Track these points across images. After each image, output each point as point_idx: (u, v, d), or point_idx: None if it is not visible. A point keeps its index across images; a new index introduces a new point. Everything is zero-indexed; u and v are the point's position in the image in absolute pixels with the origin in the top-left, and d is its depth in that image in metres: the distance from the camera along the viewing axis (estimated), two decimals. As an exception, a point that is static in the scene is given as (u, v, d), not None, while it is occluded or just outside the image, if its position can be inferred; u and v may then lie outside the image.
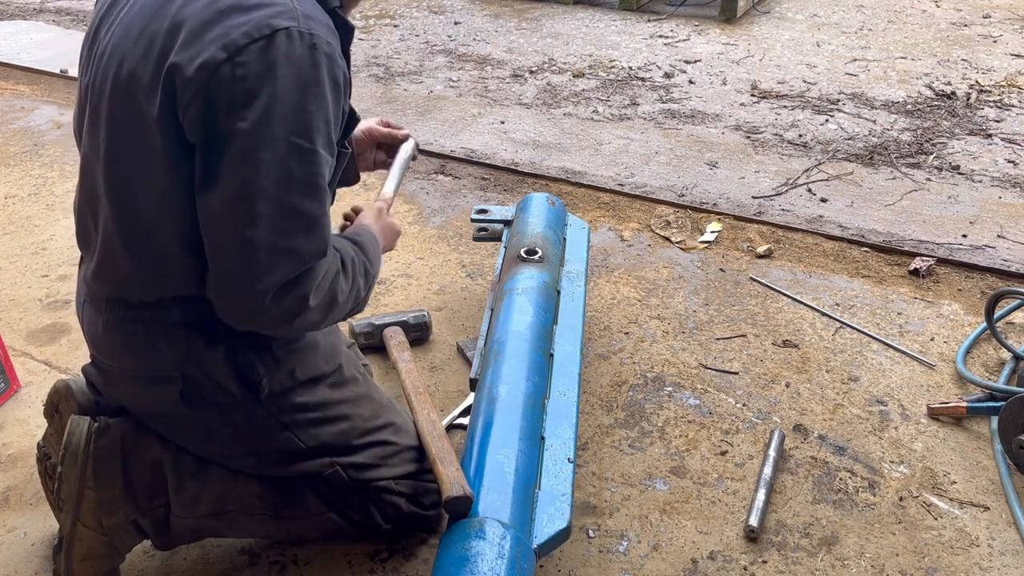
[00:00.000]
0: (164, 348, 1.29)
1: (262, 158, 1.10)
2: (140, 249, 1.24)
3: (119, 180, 1.22)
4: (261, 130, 1.10)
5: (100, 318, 1.32)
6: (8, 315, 2.27)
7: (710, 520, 1.63)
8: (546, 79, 4.09)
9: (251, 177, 1.10)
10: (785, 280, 2.42)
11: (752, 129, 3.49)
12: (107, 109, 1.22)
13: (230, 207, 1.12)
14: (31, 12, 5.38)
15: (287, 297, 1.16)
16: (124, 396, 1.38)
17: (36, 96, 3.93)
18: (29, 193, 2.96)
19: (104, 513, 1.37)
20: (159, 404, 1.34)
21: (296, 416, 1.39)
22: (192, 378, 1.30)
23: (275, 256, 1.13)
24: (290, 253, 1.15)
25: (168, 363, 1.29)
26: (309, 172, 1.14)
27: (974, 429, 1.86)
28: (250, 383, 1.32)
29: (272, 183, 1.11)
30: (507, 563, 1.24)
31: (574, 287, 2.00)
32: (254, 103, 1.10)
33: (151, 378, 1.31)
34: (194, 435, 1.39)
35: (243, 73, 1.09)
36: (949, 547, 1.58)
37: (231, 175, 1.11)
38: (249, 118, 1.10)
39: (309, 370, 1.40)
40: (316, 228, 1.17)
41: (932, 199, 2.89)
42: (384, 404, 1.55)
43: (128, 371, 1.34)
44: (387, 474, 1.48)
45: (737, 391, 1.97)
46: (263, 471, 1.44)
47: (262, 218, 1.12)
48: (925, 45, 4.56)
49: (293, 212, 1.14)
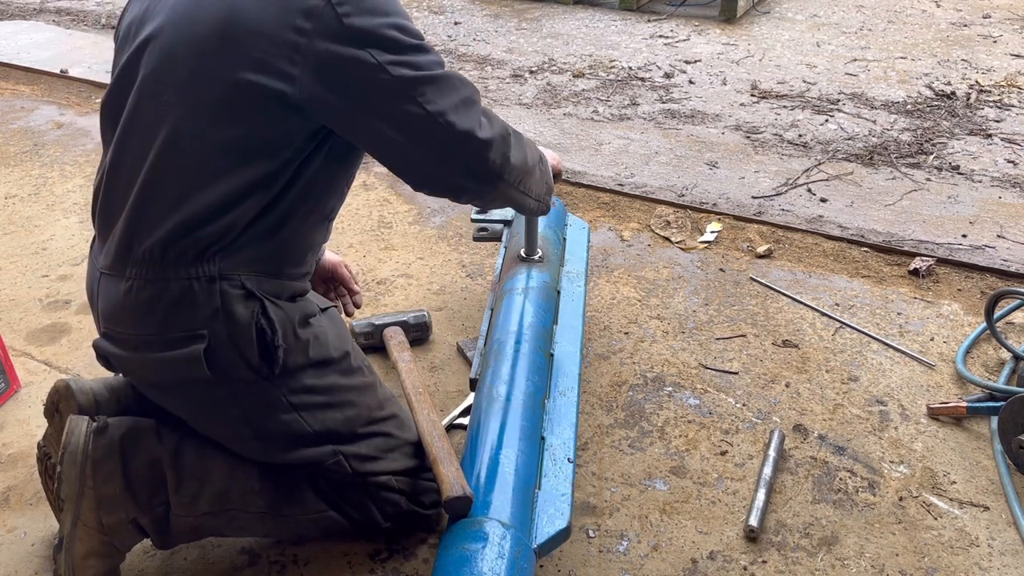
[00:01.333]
0: (197, 303, 1.28)
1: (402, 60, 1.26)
2: (191, 202, 1.25)
3: (177, 136, 1.26)
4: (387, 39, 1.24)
5: (122, 285, 1.30)
6: (8, 315, 2.27)
7: (710, 520, 1.63)
8: (546, 79, 4.10)
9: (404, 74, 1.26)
10: (785, 280, 2.42)
11: (752, 129, 3.49)
12: (176, 68, 1.25)
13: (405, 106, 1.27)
14: (31, 12, 5.39)
15: (491, 125, 1.37)
16: (141, 366, 1.36)
17: (36, 96, 3.93)
18: (29, 193, 2.96)
19: (104, 512, 1.37)
20: (179, 369, 1.31)
21: (305, 398, 1.39)
22: (216, 338, 1.29)
23: (461, 109, 1.31)
24: (466, 101, 1.33)
25: (197, 320, 1.28)
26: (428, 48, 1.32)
27: (974, 429, 1.86)
28: (268, 351, 1.32)
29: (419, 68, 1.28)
30: (507, 563, 1.24)
31: (574, 287, 2.00)
32: (366, 22, 1.22)
33: (174, 340, 1.30)
34: (202, 412, 1.39)
35: (345, 10, 1.22)
36: (949, 547, 1.58)
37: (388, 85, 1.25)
38: (371, 33, 1.23)
39: (321, 351, 1.41)
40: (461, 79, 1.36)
41: (932, 199, 2.89)
42: (389, 396, 1.56)
43: (150, 336, 1.31)
44: (387, 467, 1.48)
45: (737, 391, 1.98)
46: (266, 456, 1.44)
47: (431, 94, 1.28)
48: (925, 45, 4.56)
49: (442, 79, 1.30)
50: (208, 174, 1.26)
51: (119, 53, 1.39)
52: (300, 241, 1.40)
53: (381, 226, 2.72)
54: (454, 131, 1.30)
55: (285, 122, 1.26)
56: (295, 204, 1.33)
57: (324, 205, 1.42)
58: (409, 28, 1.28)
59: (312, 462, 1.44)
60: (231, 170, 1.26)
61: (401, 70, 1.25)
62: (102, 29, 5.02)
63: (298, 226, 1.36)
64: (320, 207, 1.41)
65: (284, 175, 1.30)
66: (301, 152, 1.30)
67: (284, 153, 1.28)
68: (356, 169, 1.50)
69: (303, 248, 1.42)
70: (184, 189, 1.26)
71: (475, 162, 1.36)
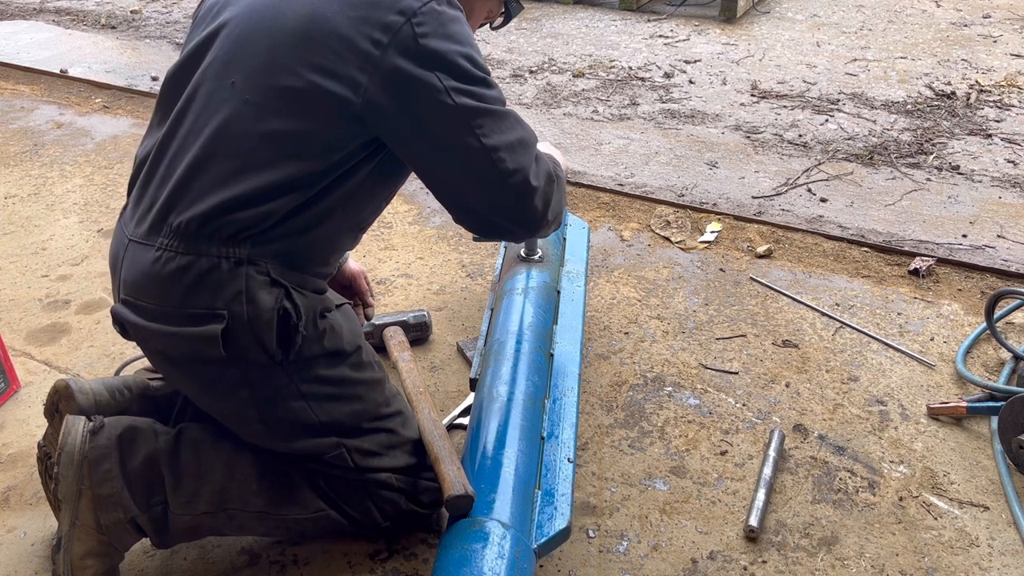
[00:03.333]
0: (222, 282, 1.28)
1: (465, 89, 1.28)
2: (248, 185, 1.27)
3: (237, 120, 1.28)
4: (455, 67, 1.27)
5: (152, 254, 1.31)
6: (8, 315, 2.27)
7: (710, 520, 1.63)
8: (546, 79, 4.10)
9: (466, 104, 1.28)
10: (785, 280, 2.42)
11: (752, 129, 3.49)
12: (249, 55, 1.29)
13: (463, 135, 1.28)
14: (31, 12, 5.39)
15: (539, 171, 1.37)
16: (156, 336, 1.35)
17: (36, 96, 3.93)
18: (29, 193, 2.96)
19: (102, 512, 1.37)
20: (193, 345, 1.32)
21: (315, 387, 1.40)
22: (236, 318, 1.29)
23: (516, 149, 1.33)
24: (522, 142, 1.34)
25: (219, 299, 1.29)
26: (494, 84, 1.33)
27: (974, 429, 1.86)
28: (287, 336, 1.33)
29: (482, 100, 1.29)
30: (507, 563, 1.24)
31: (574, 287, 2.00)
32: (439, 46, 1.25)
33: (194, 315, 1.30)
34: (210, 389, 1.39)
35: (423, 31, 1.25)
36: (949, 547, 1.58)
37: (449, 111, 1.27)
38: (442, 58, 1.26)
39: (336, 342, 1.41)
40: (520, 119, 1.37)
41: (932, 199, 2.89)
42: (395, 394, 1.56)
43: (170, 308, 1.31)
44: (388, 464, 1.48)
45: (737, 391, 1.97)
46: (267, 442, 1.44)
47: (489, 129, 1.30)
48: (925, 45, 4.56)
49: (502, 115, 1.32)
50: (257, 161, 1.28)
51: (194, 31, 1.42)
52: (329, 243, 1.42)
53: (381, 226, 2.72)
54: (504, 168, 1.32)
55: (342, 127, 1.29)
56: (332, 208, 1.35)
57: (359, 214, 1.44)
58: (479, 61, 1.31)
59: (314, 452, 1.44)
60: (279, 162, 1.28)
61: (464, 99, 1.28)
62: (102, 29, 5.02)
63: (330, 229, 1.38)
64: (355, 215, 1.43)
65: (328, 178, 1.31)
66: (350, 159, 1.32)
67: (334, 156, 1.30)
68: (399, 187, 1.52)
69: (329, 250, 1.44)
70: (232, 171, 1.28)
71: (518, 206, 1.37)
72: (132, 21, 5.16)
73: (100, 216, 2.79)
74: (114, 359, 2.07)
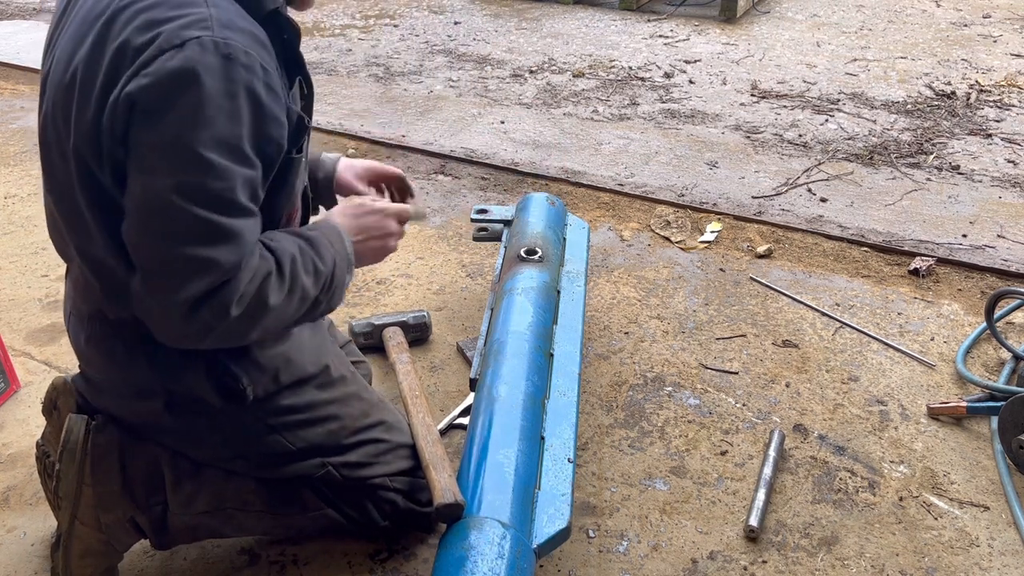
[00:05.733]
0: (144, 365, 1.29)
1: (171, 170, 1.07)
2: (101, 271, 1.23)
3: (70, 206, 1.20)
4: (170, 143, 1.06)
5: (83, 332, 1.33)
6: (8, 315, 2.27)
7: (710, 520, 1.63)
8: (546, 79, 4.09)
9: (161, 191, 1.07)
10: (785, 280, 2.42)
11: (752, 129, 3.49)
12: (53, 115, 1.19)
13: (144, 222, 1.10)
14: (31, 12, 5.38)
15: (202, 309, 1.12)
16: (111, 406, 1.38)
17: (36, 96, 3.93)
18: (29, 193, 2.95)
19: (102, 510, 1.37)
20: (145, 416, 1.35)
21: (284, 419, 1.39)
22: (175, 392, 1.31)
23: (188, 267, 1.10)
24: (204, 264, 1.10)
25: (150, 379, 1.30)
26: (220, 186, 1.09)
27: (974, 429, 1.86)
28: (234, 393, 1.32)
29: (181, 197, 1.07)
30: (507, 563, 1.24)
31: (574, 287, 2.00)
32: (164, 116, 1.05)
33: (136, 391, 1.33)
34: (184, 441, 1.40)
35: (150, 83, 1.05)
36: (949, 547, 1.58)
37: (143, 189, 1.09)
38: (158, 131, 1.06)
39: (294, 372, 1.40)
40: (229, 241, 1.12)
41: (932, 199, 2.89)
42: (374, 403, 1.54)
43: (114, 383, 1.35)
44: (381, 471, 1.48)
45: (737, 391, 1.97)
46: (256, 473, 1.44)
47: (173, 231, 1.09)
48: (925, 45, 4.56)
49: (205, 224, 1.09)
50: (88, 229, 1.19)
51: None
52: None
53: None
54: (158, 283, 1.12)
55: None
56: None
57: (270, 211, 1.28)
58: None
59: (301, 475, 1.44)
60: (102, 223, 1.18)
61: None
62: (102, 29, 5.02)
63: None
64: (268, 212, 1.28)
65: None
66: None
67: None
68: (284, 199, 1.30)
69: None
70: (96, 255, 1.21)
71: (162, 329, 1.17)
72: (132, 21, 5.16)
73: (100, 216, 2.79)
74: (114, 359, 2.07)
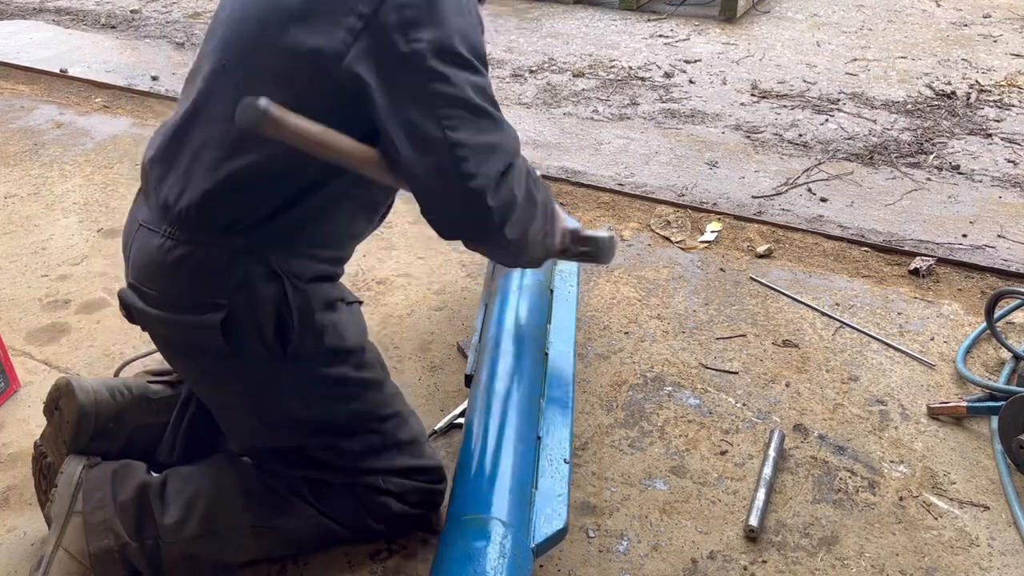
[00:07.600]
0: (223, 273, 1.29)
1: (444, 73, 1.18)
2: (234, 171, 1.26)
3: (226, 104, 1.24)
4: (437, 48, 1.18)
5: (156, 241, 1.31)
6: (8, 315, 2.27)
7: (710, 520, 1.63)
8: (546, 79, 4.09)
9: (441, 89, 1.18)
10: (785, 280, 2.42)
11: (752, 129, 3.49)
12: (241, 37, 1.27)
13: (429, 121, 1.18)
14: (31, 12, 5.38)
15: (503, 187, 1.22)
16: (159, 322, 1.36)
17: (36, 96, 3.93)
18: (29, 193, 2.95)
19: (92, 539, 1.37)
20: (194, 334, 1.32)
21: (313, 386, 1.40)
22: (236, 310, 1.29)
23: (483, 152, 1.20)
24: (494, 147, 1.22)
25: (220, 290, 1.29)
26: (484, 80, 1.24)
27: (974, 429, 1.86)
28: (284, 330, 1.32)
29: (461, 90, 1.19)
30: (507, 562, 1.24)
31: (567, 286, 2.00)
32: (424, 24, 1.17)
33: (195, 304, 1.31)
34: (209, 379, 1.40)
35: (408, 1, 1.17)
36: (949, 547, 1.58)
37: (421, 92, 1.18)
38: (424, 37, 1.17)
39: (337, 340, 1.40)
40: (505, 126, 1.26)
41: (932, 199, 2.89)
42: (395, 394, 1.54)
43: (173, 296, 1.32)
44: (378, 465, 1.47)
45: (737, 391, 1.97)
46: (260, 437, 1.44)
47: (461, 122, 1.19)
48: (925, 45, 4.56)
49: (483, 112, 1.21)
50: (243, 147, 1.25)
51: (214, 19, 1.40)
52: (340, 229, 1.41)
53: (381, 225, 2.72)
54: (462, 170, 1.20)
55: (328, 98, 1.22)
56: (337, 194, 1.32)
57: (367, 197, 1.40)
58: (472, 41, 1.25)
59: (300, 451, 1.44)
60: (266, 147, 1.23)
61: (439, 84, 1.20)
62: (102, 28, 5.02)
63: (339, 215, 1.36)
64: (362, 198, 1.40)
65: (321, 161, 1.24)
66: None
67: None
68: None
69: (343, 236, 1.43)
70: (220, 157, 1.26)
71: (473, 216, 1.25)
72: (132, 21, 5.16)
73: (100, 216, 2.78)
74: (114, 359, 2.07)
